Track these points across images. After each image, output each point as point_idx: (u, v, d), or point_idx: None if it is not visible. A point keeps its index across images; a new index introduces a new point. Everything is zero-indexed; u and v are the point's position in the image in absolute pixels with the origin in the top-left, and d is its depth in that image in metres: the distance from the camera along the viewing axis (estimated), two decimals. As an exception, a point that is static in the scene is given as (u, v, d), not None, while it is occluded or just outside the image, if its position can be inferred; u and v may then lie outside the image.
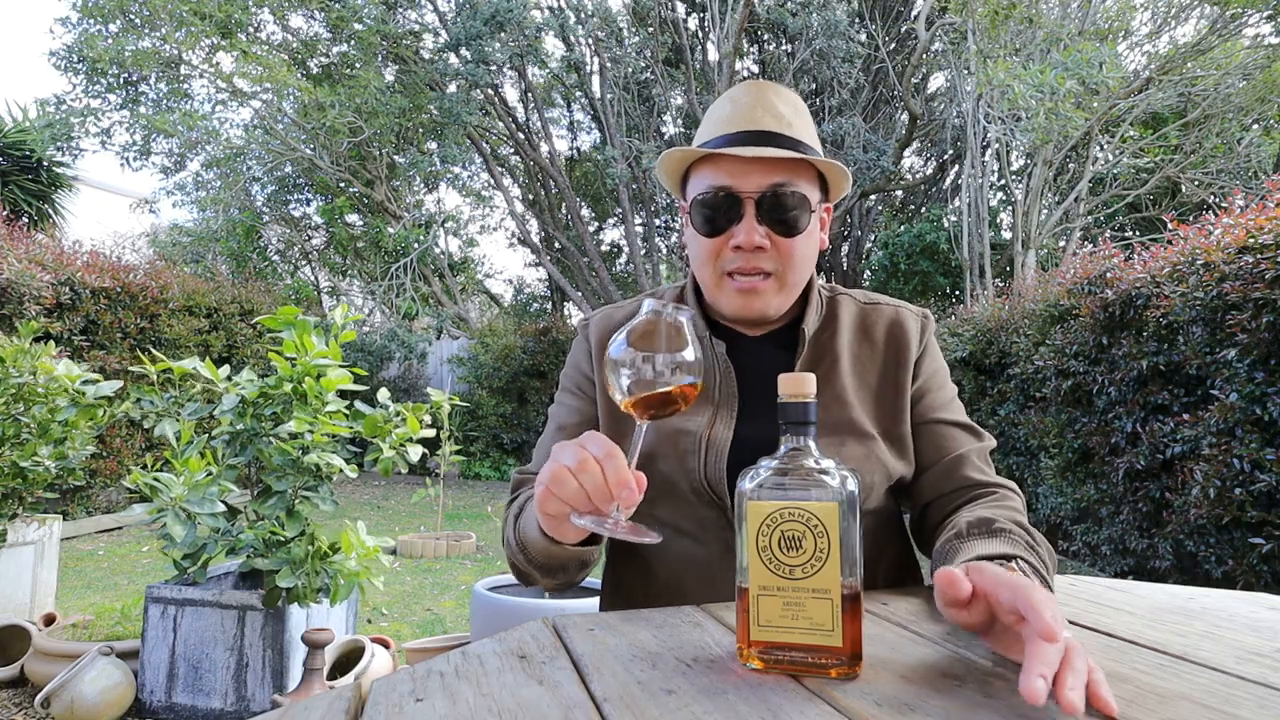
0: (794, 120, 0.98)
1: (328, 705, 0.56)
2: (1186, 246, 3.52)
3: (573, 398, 1.08)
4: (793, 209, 0.94)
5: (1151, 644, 0.67)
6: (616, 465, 0.65)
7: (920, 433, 1.02)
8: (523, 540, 0.87)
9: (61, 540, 3.98)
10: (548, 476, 0.67)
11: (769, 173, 0.93)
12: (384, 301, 10.90)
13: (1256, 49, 8.06)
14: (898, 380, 1.02)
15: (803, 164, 0.96)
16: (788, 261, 0.96)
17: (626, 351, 0.68)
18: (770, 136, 0.95)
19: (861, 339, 1.04)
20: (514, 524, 0.91)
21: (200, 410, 2.46)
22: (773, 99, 0.98)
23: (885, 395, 1.01)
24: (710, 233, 0.96)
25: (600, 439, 0.67)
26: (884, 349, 1.03)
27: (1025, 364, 4.84)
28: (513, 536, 0.91)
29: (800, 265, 0.98)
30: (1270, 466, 2.87)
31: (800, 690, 0.56)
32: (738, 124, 0.96)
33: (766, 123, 0.95)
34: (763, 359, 1.01)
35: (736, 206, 0.93)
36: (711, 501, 0.95)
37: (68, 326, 5.36)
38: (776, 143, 0.94)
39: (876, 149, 10.14)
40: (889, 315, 1.06)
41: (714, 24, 10.64)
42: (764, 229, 0.94)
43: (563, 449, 0.69)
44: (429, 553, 4.97)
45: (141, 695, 2.34)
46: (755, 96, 0.98)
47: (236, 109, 10.96)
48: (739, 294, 0.97)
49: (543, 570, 0.87)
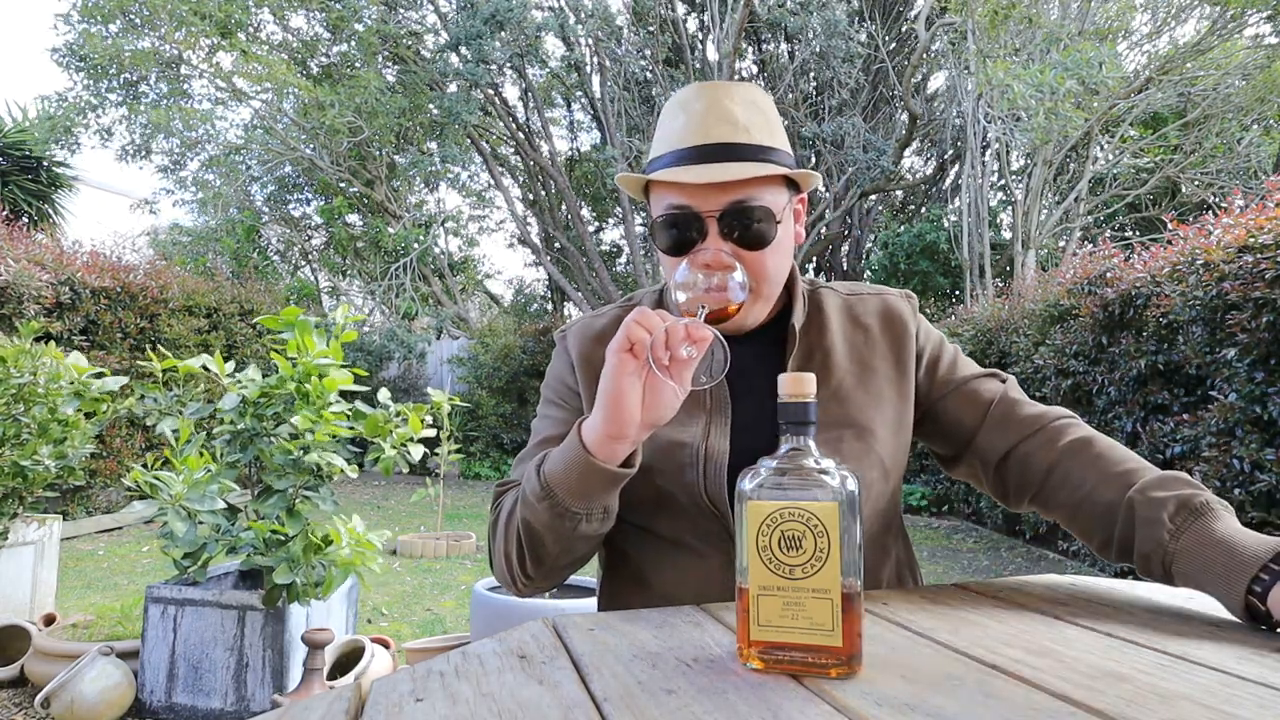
0: (751, 122, 0.92)
1: (328, 705, 0.56)
2: (1186, 246, 3.52)
3: (557, 409, 1.04)
4: (758, 221, 0.90)
5: (1151, 644, 0.67)
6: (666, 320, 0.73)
7: (951, 400, 1.02)
8: (548, 482, 0.82)
9: (61, 540, 3.98)
10: (626, 333, 0.73)
11: (729, 189, 0.89)
12: (384, 301, 10.91)
13: (1256, 49, 8.06)
14: (902, 364, 1.01)
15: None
16: (760, 274, 0.93)
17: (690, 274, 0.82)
18: (726, 149, 0.90)
19: (854, 328, 1.03)
20: (536, 472, 0.85)
21: (202, 410, 2.46)
22: (726, 104, 0.92)
23: (891, 382, 1.00)
24: (676, 252, 0.92)
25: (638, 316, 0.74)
26: (881, 335, 1.03)
27: (1025, 364, 4.84)
28: (535, 482, 0.84)
29: (773, 274, 0.95)
30: (1270, 466, 2.87)
31: (800, 690, 0.56)
32: (690, 138, 0.91)
33: (721, 133, 0.91)
34: (751, 360, 0.99)
35: (699, 225, 0.90)
36: (712, 514, 0.93)
37: (68, 326, 5.36)
38: (733, 154, 0.90)
39: (876, 149, 10.14)
40: (878, 302, 1.06)
41: (714, 24, 10.64)
42: (730, 245, 0.90)
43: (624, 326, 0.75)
44: (429, 553, 4.97)
45: (141, 695, 2.34)
46: (708, 103, 0.92)
47: (236, 109, 10.98)
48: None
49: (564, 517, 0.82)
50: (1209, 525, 0.77)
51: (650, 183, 0.97)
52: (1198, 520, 0.78)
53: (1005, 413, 0.99)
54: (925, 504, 6.78)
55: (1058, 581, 0.92)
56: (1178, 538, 0.78)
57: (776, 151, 0.94)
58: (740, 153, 0.90)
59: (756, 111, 0.94)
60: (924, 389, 1.04)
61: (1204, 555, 0.75)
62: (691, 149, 0.91)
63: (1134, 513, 0.83)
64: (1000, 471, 1.00)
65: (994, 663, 0.61)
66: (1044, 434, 0.96)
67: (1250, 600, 0.70)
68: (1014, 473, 0.98)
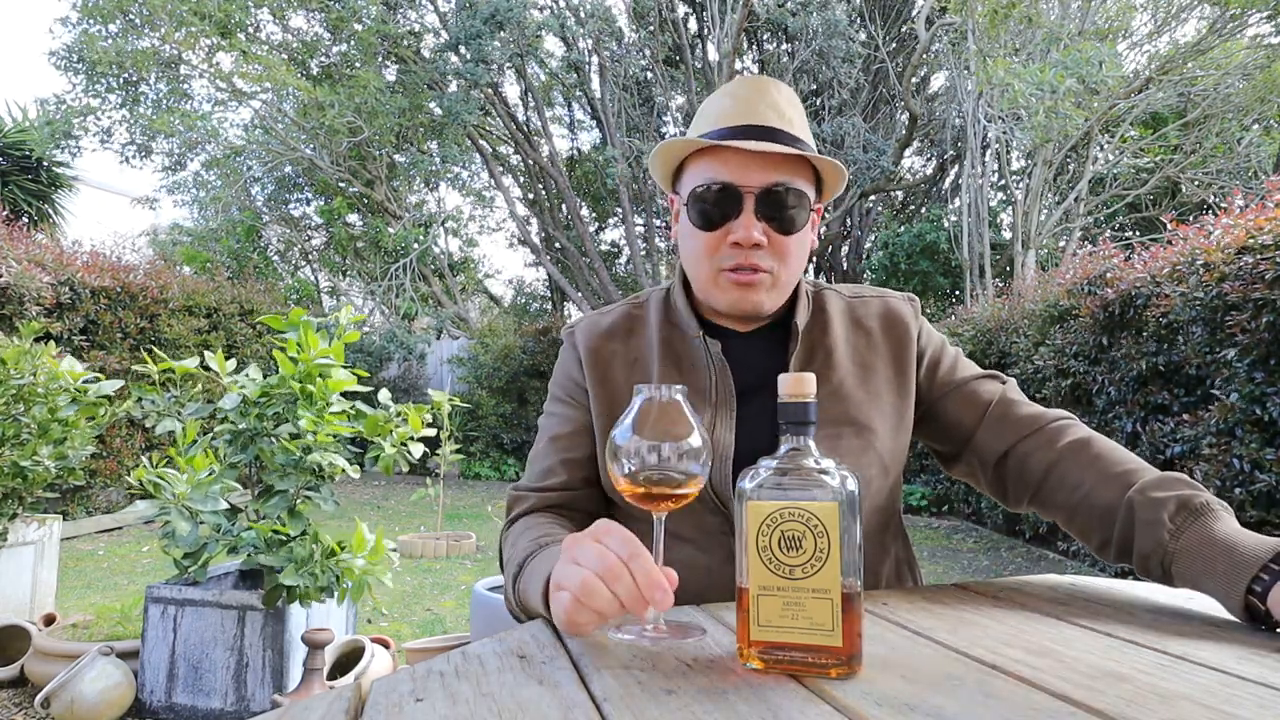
0: (794, 118, 0.96)
1: (328, 705, 0.56)
2: (1186, 247, 3.52)
3: (565, 406, 1.05)
4: (792, 206, 0.93)
5: (1151, 644, 0.67)
6: (644, 566, 0.61)
7: (950, 401, 1.03)
8: (524, 604, 0.81)
9: (61, 540, 3.98)
10: (577, 585, 0.62)
11: (770, 169, 0.92)
12: (384, 301, 10.91)
13: (1256, 49, 8.06)
14: (903, 366, 1.02)
15: (802, 162, 0.95)
16: (783, 259, 0.95)
17: (632, 440, 0.66)
18: (773, 132, 0.93)
19: (856, 330, 1.04)
20: (514, 582, 0.85)
21: (201, 410, 2.46)
22: (774, 95, 0.96)
23: (890, 383, 1.01)
24: (707, 227, 0.94)
25: (618, 534, 0.63)
26: (883, 338, 1.03)
27: (1025, 364, 4.84)
28: (512, 593, 0.85)
29: (795, 264, 0.97)
30: (1270, 466, 2.87)
31: (800, 690, 0.56)
32: (740, 118, 0.94)
33: (769, 118, 0.94)
34: (756, 356, 1.00)
35: (736, 201, 0.92)
36: (716, 508, 0.93)
37: (68, 326, 5.36)
38: (779, 139, 0.93)
39: (876, 149, 10.14)
40: (880, 305, 1.06)
41: (714, 24, 10.64)
42: (762, 225, 0.92)
43: (580, 548, 0.64)
44: (429, 553, 4.97)
45: (141, 695, 2.34)
46: (757, 91, 0.96)
47: (236, 109, 10.96)
48: (735, 286, 0.95)
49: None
50: (1209, 525, 0.77)
51: (686, 162, 0.99)
52: (1198, 520, 0.78)
53: (1004, 413, 0.99)
54: (925, 504, 6.78)
55: (1058, 581, 0.92)
56: (1178, 538, 0.78)
57: (813, 149, 0.97)
58: (786, 138, 0.93)
59: (796, 110, 0.98)
60: (924, 389, 1.04)
61: (1204, 555, 0.75)
62: (740, 127, 0.93)
63: (1134, 513, 0.83)
64: (999, 471, 1.00)
65: (994, 663, 0.61)
66: (1042, 434, 0.96)
67: (1250, 600, 0.70)
68: (1012, 473, 0.98)
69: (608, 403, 1.00)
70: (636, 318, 1.07)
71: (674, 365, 1.01)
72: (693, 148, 0.97)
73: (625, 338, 1.05)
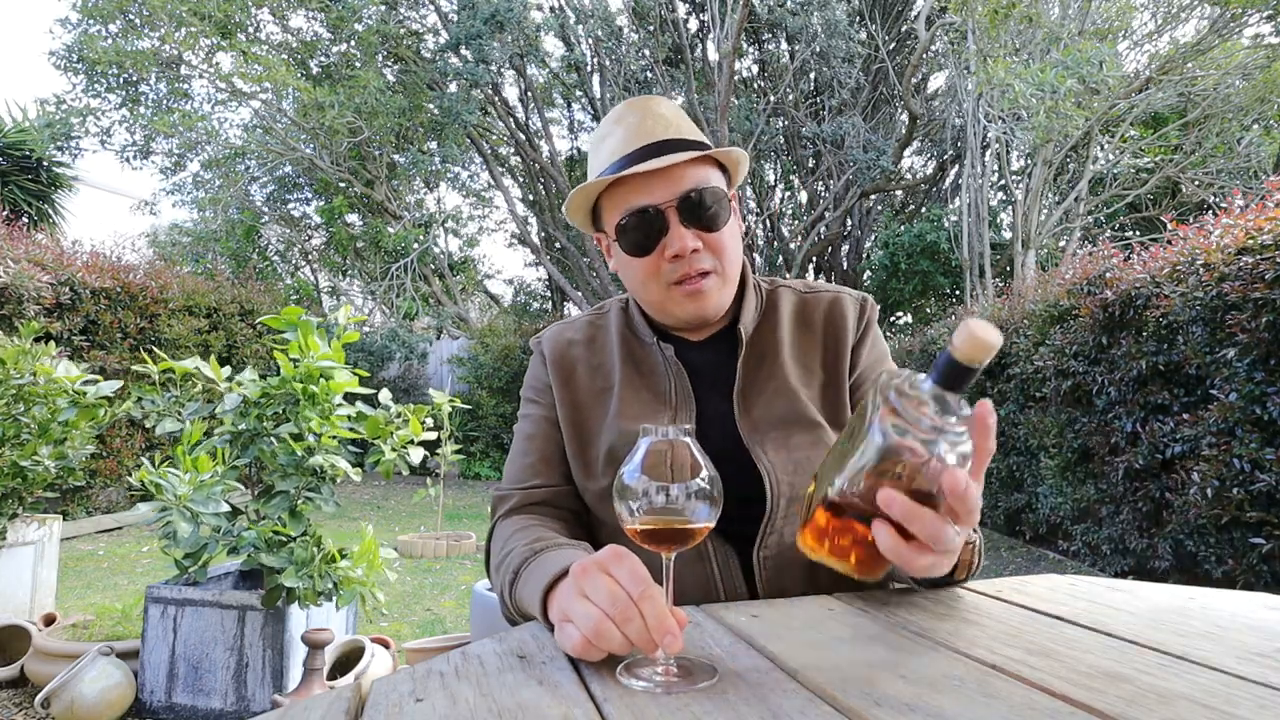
0: (680, 123, 1.01)
1: (328, 705, 0.56)
2: (1186, 247, 3.52)
3: (534, 407, 1.11)
4: (711, 205, 0.96)
5: (1151, 644, 0.67)
6: (656, 608, 0.60)
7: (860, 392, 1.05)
8: (520, 609, 0.81)
9: (61, 540, 3.98)
10: (590, 628, 0.60)
11: (679, 179, 0.96)
12: (384, 301, 10.91)
13: (1256, 49, 8.05)
14: (837, 368, 1.04)
15: (705, 159, 0.99)
16: (721, 254, 0.99)
17: (640, 480, 0.65)
18: (667, 144, 0.97)
19: (801, 328, 1.07)
20: (510, 587, 0.85)
21: (201, 410, 2.46)
22: (654, 108, 1.01)
23: (828, 382, 1.03)
24: (643, 252, 0.98)
25: (629, 566, 0.62)
26: (822, 335, 1.06)
27: (1025, 364, 4.84)
28: (508, 596, 0.85)
29: (733, 254, 1.01)
30: (1270, 466, 2.87)
31: (801, 690, 0.56)
32: (633, 142, 0.98)
33: (657, 132, 0.98)
34: (707, 360, 1.05)
35: (660, 219, 0.96)
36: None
37: (68, 327, 5.36)
38: (675, 147, 0.97)
39: (876, 149, 10.14)
40: (827, 301, 1.08)
41: (714, 24, 10.64)
42: (692, 231, 0.96)
43: (589, 580, 0.63)
44: (429, 553, 4.97)
45: (141, 695, 2.34)
46: (637, 112, 1.01)
47: (236, 109, 10.96)
48: (688, 298, 0.99)
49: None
50: None
51: (601, 201, 1.03)
52: None
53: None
54: (925, 504, 6.76)
55: (1058, 581, 0.92)
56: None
57: (707, 144, 1.01)
58: (680, 146, 0.98)
59: (678, 114, 1.03)
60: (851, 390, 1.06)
61: None
62: (635, 151, 0.98)
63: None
64: None
65: (994, 663, 0.61)
66: None
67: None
68: None
69: (571, 405, 1.06)
70: (599, 326, 1.13)
71: (634, 370, 1.06)
72: (602, 186, 1.00)
73: (588, 345, 1.11)
